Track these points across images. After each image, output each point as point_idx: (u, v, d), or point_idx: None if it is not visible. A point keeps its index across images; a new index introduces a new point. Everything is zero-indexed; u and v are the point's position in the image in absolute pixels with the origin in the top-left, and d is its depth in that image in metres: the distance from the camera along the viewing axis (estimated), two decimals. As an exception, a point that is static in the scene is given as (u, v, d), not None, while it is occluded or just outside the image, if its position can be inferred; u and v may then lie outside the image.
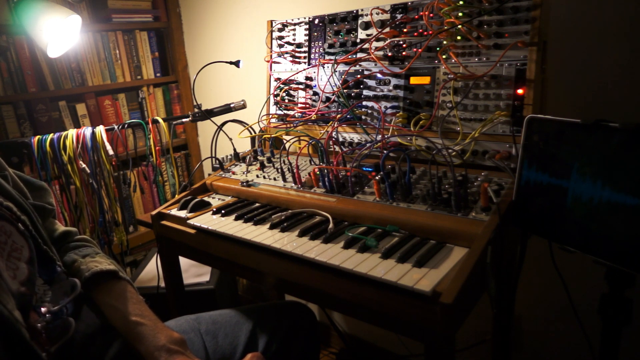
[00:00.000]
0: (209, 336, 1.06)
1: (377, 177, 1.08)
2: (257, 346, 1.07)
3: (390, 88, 1.28)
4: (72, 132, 1.57)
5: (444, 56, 1.17)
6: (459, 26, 1.12)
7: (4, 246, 0.65)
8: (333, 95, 1.39)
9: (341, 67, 1.39)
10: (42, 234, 0.78)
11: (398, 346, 1.78)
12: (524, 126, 0.84)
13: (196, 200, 1.26)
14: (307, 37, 1.49)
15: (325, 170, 1.15)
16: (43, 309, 0.70)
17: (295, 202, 1.16)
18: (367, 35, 1.33)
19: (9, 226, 0.68)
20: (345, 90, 1.37)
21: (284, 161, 1.35)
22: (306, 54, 1.49)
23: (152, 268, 1.91)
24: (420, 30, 1.22)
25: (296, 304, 1.21)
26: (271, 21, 1.57)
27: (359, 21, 1.35)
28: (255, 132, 1.56)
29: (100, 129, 1.59)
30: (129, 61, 2.20)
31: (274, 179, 1.29)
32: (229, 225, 1.11)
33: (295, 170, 1.21)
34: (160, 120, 1.65)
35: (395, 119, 1.25)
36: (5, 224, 0.68)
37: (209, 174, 1.50)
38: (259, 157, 1.47)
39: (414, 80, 1.24)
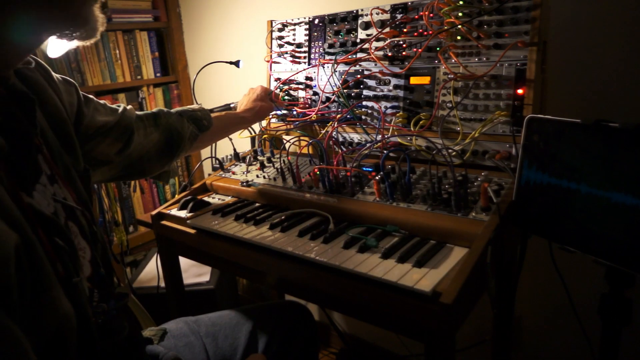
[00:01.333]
0: (208, 338, 1.06)
1: (377, 177, 1.08)
2: (257, 347, 1.07)
3: (390, 88, 1.28)
4: (72, 132, 1.57)
5: (444, 56, 1.17)
6: (459, 26, 1.12)
7: (72, 244, 0.70)
8: (333, 95, 1.39)
9: (341, 67, 1.39)
10: (94, 237, 0.80)
11: (398, 346, 1.78)
12: (524, 126, 0.84)
13: (196, 200, 1.27)
14: (307, 37, 1.49)
15: (325, 170, 1.15)
16: (99, 309, 0.73)
17: (295, 202, 1.16)
18: (367, 35, 1.33)
19: (75, 227, 0.73)
20: (345, 90, 1.37)
21: (284, 161, 1.35)
22: (306, 54, 1.49)
23: (152, 268, 1.91)
24: (420, 30, 1.22)
25: (294, 303, 1.21)
26: (271, 21, 1.57)
27: (359, 21, 1.35)
28: (255, 132, 1.56)
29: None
30: (129, 61, 2.20)
31: (274, 179, 1.29)
32: (229, 225, 1.11)
33: (295, 170, 1.21)
34: (160, 120, 1.65)
35: (395, 119, 1.25)
36: (73, 225, 0.72)
37: (209, 174, 1.50)
38: (259, 157, 1.47)
39: (414, 80, 1.24)
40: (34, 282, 0.49)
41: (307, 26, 1.49)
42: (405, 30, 1.25)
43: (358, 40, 1.36)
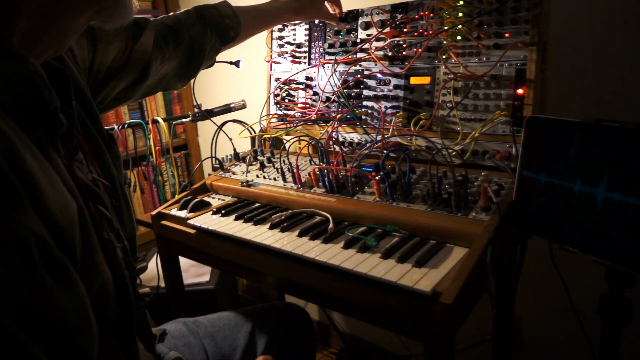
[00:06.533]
0: (207, 338, 1.06)
1: (377, 177, 1.08)
2: (257, 348, 1.07)
3: (390, 88, 1.28)
4: (72, 132, 1.57)
5: (444, 56, 1.17)
6: (459, 26, 1.12)
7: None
8: (333, 95, 1.39)
9: (341, 67, 1.39)
10: (118, 212, 0.82)
11: (398, 346, 1.77)
12: (524, 126, 0.84)
13: (196, 200, 1.27)
14: (307, 37, 1.49)
15: (325, 170, 1.15)
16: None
17: (295, 202, 1.16)
18: (367, 35, 1.33)
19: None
20: (345, 90, 1.37)
21: (284, 161, 1.35)
22: (306, 54, 1.49)
23: (152, 268, 1.91)
24: (420, 30, 1.22)
25: (293, 306, 1.21)
26: (271, 21, 1.57)
27: (359, 21, 1.35)
28: (255, 132, 1.56)
29: (100, 129, 1.59)
30: (129, 61, 2.19)
31: (274, 179, 1.29)
32: (229, 225, 1.11)
33: (295, 170, 1.21)
34: (160, 120, 1.65)
35: (395, 119, 1.25)
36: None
37: (209, 174, 1.50)
38: (259, 157, 1.47)
39: (414, 80, 1.24)
40: (84, 247, 0.53)
41: (307, 26, 1.49)
42: (405, 30, 1.25)
43: (358, 40, 1.36)
